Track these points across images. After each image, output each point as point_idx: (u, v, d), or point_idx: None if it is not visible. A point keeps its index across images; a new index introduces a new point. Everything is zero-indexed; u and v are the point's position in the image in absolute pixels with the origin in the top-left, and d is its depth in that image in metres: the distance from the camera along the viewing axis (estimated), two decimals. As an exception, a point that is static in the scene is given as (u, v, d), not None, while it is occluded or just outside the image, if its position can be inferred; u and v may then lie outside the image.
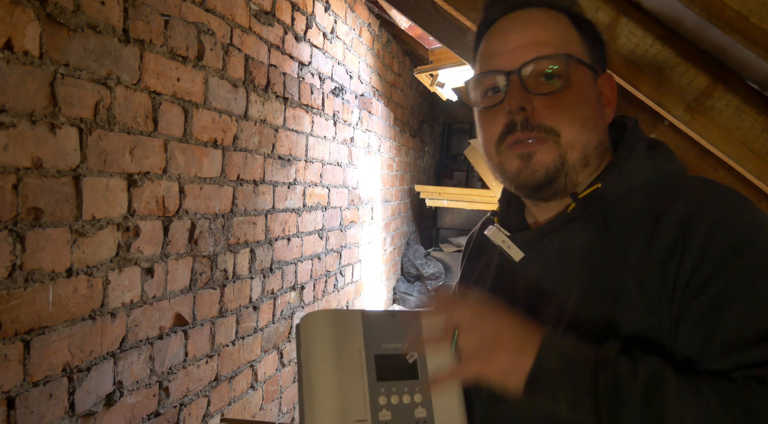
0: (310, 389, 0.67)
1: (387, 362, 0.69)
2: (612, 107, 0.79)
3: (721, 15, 0.95)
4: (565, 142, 0.72)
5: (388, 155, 4.25)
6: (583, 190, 0.75)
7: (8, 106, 1.13)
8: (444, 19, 2.49)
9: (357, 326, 0.70)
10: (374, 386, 0.68)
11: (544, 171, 0.73)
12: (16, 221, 1.16)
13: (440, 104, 5.98)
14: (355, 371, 0.68)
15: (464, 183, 6.91)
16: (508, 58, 0.74)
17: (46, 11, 1.19)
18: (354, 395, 0.67)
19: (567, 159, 0.73)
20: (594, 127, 0.74)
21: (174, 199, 1.65)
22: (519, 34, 0.75)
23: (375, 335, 0.70)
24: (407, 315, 0.73)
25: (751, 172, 1.27)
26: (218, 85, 1.85)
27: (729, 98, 1.28)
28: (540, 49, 0.73)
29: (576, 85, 0.73)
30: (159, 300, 1.61)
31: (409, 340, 0.70)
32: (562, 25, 0.76)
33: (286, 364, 2.54)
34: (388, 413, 0.67)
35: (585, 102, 0.74)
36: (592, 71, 0.76)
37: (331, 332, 0.69)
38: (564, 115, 0.72)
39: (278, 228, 2.35)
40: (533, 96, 0.72)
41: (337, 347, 0.68)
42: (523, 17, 0.76)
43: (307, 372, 0.68)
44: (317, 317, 0.70)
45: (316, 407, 0.66)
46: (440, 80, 3.55)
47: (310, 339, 0.69)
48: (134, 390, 1.52)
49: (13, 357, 1.16)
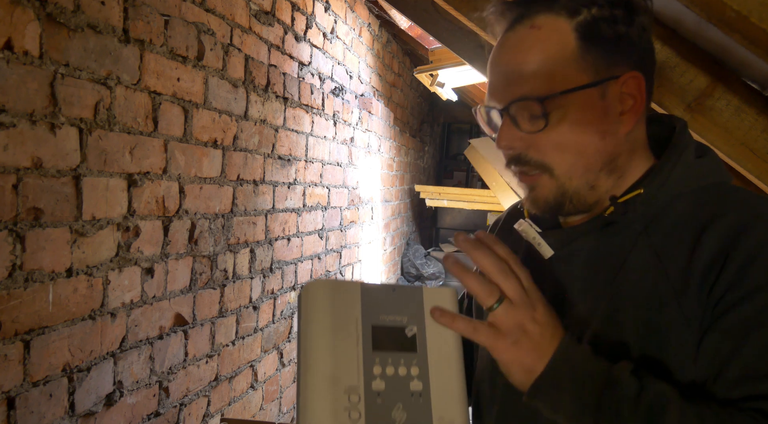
0: (305, 355, 0.68)
1: (384, 333, 0.69)
2: (635, 111, 0.71)
3: (721, 15, 0.95)
4: (560, 175, 0.71)
5: (388, 155, 4.25)
6: (624, 194, 0.72)
7: (8, 106, 1.13)
8: (444, 19, 2.49)
9: (355, 296, 0.70)
10: (369, 356, 0.68)
11: (545, 202, 0.73)
12: (16, 221, 1.16)
13: (440, 104, 5.98)
14: (350, 339, 0.68)
15: (464, 183, 6.91)
16: (498, 93, 0.72)
17: (46, 11, 1.20)
18: (347, 362, 0.67)
19: (567, 189, 0.72)
20: (594, 152, 0.70)
21: (174, 199, 1.65)
22: (502, 68, 0.72)
23: (373, 306, 0.70)
24: (408, 289, 0.72)
25: (751, 172, 1.27)
26: (218, 85, 1.85)
27: (729, 98, 1.28)
28: (520, 87, 0.69)
29: (565, 118, 0.69)
30: (159, 300, 1.61)
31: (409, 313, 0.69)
32: (554, 43, 0.69)
33: (286, 364, 2.54)
34: (381, 382, 0.67)
35: (578, 130, 0.69)
36: (597, 86, 0.69)
37: (330, 300, 0.69)
38: (554, 151, 0.70)
39: (278, 228, 2.35)
40: (523, 134, 0.71)
41: (334, 316, 0.69)
42: (510, 43, 0.72)
43: (304, 339, 0.69)
44: (317, 286, 0.71)
45: (309, 372, 0.67)
46: (440, 80, 3.55)
47: (309, 307, 0.70)
48: (134, 390, 1.52)
49: (13, 357, 1.16)
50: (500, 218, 0.97)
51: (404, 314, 0.71)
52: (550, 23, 0.69)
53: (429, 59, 3.53)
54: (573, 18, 0.69)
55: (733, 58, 1.26)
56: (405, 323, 0.70)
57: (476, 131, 6.97)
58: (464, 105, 6.03)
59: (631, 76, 0.70)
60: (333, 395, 0.66)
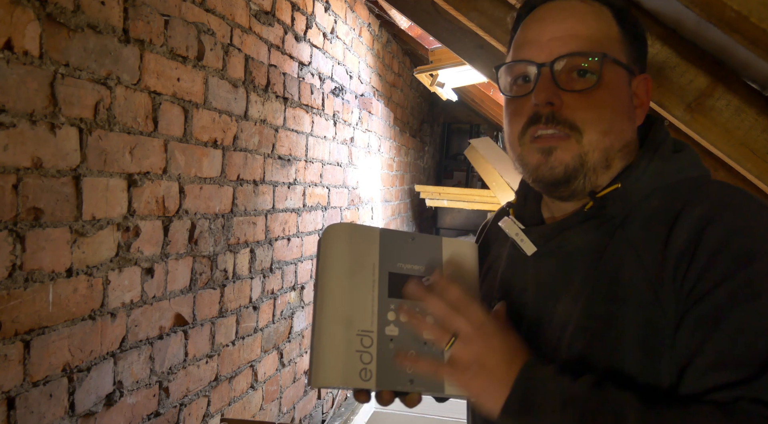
0: (321, 297, 0.69)
1: (400, 280, 0.70)
2: (644, 109, 0.76)
3: (721, 15, 0.95)
4: (587, 143, 0.71)
5: (388, 155, 4.25)
6: (602, 189, 0.73)
7: (8, 106, 1.13)
8: (444, 19, 2.49)
9: (374, 242, 0.70)
10: (384, 301, 0.68)
11: (563, 168, 0.72)
12: (16, 221, 1.16)
13: (440, 104, 5.98)
14: (366, 284, 0.68)
15: (464, 183, 6.91)
16: (543, 49, 0.72)
17: (46, 11, 1.19)
18: (362, 306, 0.68)
19: (587, 160, 0.72)
20: (620, 131, 0.73)
21: (174, 199, 1.65)
22: (556, 26, 0.72)
23: (391, 253, 0.70)
24: (428, 239, 0.73)
25: (751, 172, 1.27)
26: (218, 85, 1.85)
27: (729, 98, 1.27)
28: (576, 44, 0.71)
29: (608, 85, 0.71)
30: (159, 300, 1.61)
31: (427, 263, 0.70)
32: (604, 19, 0.73)
33: (286, 364, 2.54)
34: (395, 329, 0.68)
35: (614, 104, 0.72)
36: (627, 71, 0.73)
37: (348, 244, 0.70)
38: (590, 115, 0.71)
39: (278, 228, 2.35)
40: (562, 91, 0.71)
41: (352, 260, 0.69)
42: (563, 7, 0.74)
43: (321, 281, 0.69)
44: (337, 229, 0.71)
45: (323, 314, 0.67)
46: (440, 80, 3.55)
47: (328, 249, 0.70)
48: (134, 390, 1.52)
49: (13, 357, 1.16)
50: (488, 220, 0.98)
51: (422, 263, 0.71)
52: (596, 4, 0.74)
53: (429, 59, 3.53)
54: (611, 7, 0.74)
55: (733, 58, 1.26)
56: (422, 272, 0.70)
57: (476, 131, 6.97)
58: (464, 105, 6.03)
59: (645, 77, 0.76)
60: (346, 338, 0.66)
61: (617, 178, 0.74)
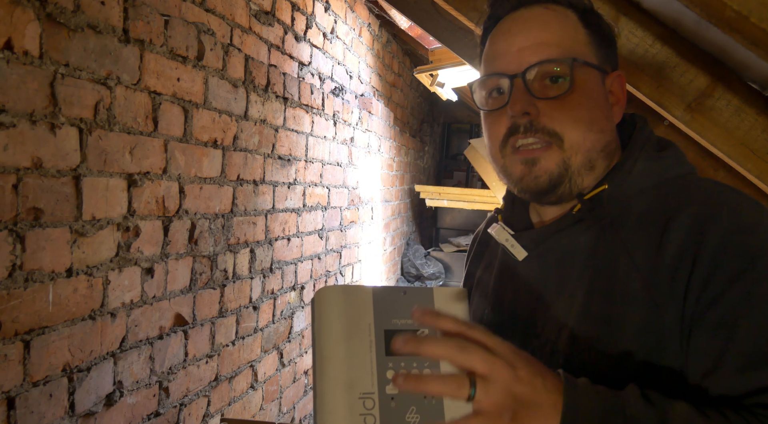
0: (321, 362, 0.69)
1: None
2: (621, 106, 0.77)
3: (721, 15, 0.95)
4: (569, 146, 0.71)
5: (388, 155, 4.25)
6: (589, 191, 0.74)
7: (8, 106, 1.13)
8: (444, 19, 2.49)
9: (367, 301, 0.70)
10: (382, 361, 0.68)
11: (548, 177, 0.72)
12: (16, 221, 1.16)
13: (440, 104, 5.98)
14: (364, 345, 0.68)
15: (464, 183, 6.91)
16: (513, 60, 0.73)
17: (46, 11, 1.19)
18: (361, 368, 0.67)
19: (571, 164, 0.72)
20: (600, 130, 0.73)
21: (174, 199, 1.65)
22: (523, 36, 0.73)
23: (385, 311, 0.70)
24: (419, 291, 0.72)
25: (751, 172, 1.27)
26: (218, 85, 1.85)
27: (729, 98, 1.28)
28: (544, 52, 0.71)
29: (581, 87, 0.71)
30: (159, 300, 1.61)
31: (419, 315, 0.64)
32: (569, 23, 0.74)
33: (286, 364, 2.54)
34: (395, 387, 0.67)
35: (590, 104, 0.72)
36: (599, 71, 0.74)
37: (342, 306, 0.70)
38: (567, 119, 0.71)
39: (278, 228, 2.35)
40: (537, 100, 0.71)
41: (347, 322, 0.69)
42: (528, 17, 0.74)
43: (318, 346, 0.70)
44: (329, 292, 0.71)
45: (324, 380, 0.68)
46: (440, 80, 3.55)
47: (322, 314, 0.70)
48: (134, 390, 1.52)
49: (13, 357, 1.16)
50: (480, 229, 0.98)
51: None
52: (560, 9, 0.74)
53: (429, 59, 3.53)
54: (575, 9, 0.75)
55: (733, 59, 1.26)
56: (416, 325, 0.70)
57: (476, 131, 6.97)
58: (464, 105, 6.03)
59: (618, 74, 0.77)
60: (349, 402, 0.66)
61: (604, 179, 0.74)
